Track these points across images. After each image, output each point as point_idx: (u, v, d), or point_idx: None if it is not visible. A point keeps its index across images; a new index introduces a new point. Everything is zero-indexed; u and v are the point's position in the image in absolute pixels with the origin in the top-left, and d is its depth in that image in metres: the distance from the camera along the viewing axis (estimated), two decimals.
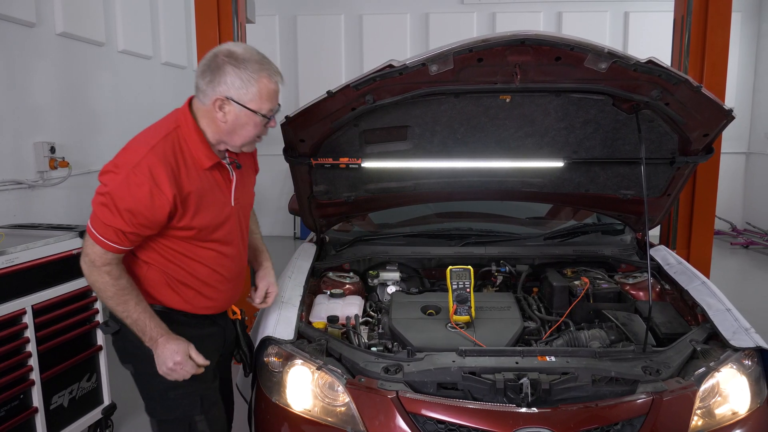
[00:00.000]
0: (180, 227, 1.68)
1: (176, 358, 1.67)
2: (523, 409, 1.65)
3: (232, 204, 1.80)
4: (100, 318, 2.83)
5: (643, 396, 1.69)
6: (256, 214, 2.12)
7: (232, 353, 2.02)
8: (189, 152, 1.67)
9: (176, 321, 1.77)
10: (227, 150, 1.77)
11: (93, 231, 1.61)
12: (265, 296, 2.02)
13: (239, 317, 1.99)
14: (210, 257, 1.78)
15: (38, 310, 2.48)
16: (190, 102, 1.72)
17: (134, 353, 1.77)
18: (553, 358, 1.82)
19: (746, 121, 7.88)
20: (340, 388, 1.77)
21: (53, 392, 2.59)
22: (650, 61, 1.86)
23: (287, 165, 2.37)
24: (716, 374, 1.79)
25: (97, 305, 2.82)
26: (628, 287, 2.52)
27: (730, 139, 7.24)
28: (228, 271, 1.84)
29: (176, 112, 1.72)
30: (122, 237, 1.60)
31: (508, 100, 2.18)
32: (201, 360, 1.71)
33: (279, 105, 1.71)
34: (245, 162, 1.89)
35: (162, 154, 1.61)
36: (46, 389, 2.53)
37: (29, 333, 2.44)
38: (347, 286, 2.54)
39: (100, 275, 1.63)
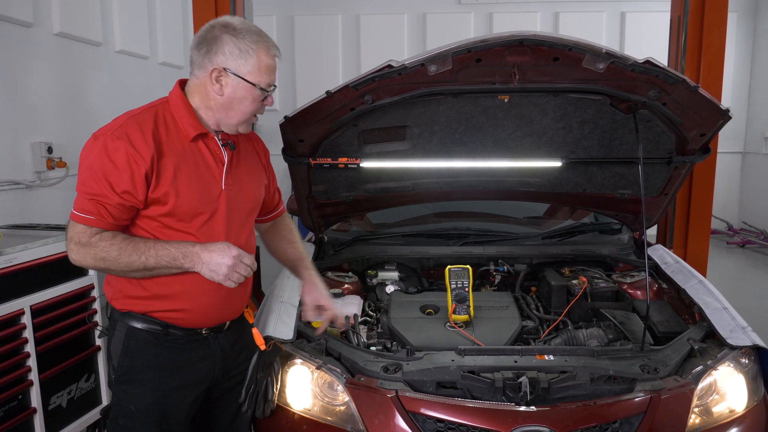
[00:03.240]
0: (155, 199, 1.53)
1: (232, 252, 1.53)
2: (522, 408, 1.66)
3: (223, 187, 1.64)
4: (98, 318, 2.83)
5: (641, 394, 1.69)
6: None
7: (228, 391, 1.83)
8: (174, 123, 1.58)
9: (155, 342, 1.63)
10: (223, 133, 1.67)
11: (74, 211, 1.50)
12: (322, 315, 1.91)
13: (263, 347, 1.77)
14: None
15: (37, 311, 2.48)
16: (179, 83, 1.65)
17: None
18: (551, 357, 1.83)
19: (742, 121, 7.91)
20: (340, 388, 1.77)
21: (52, 393, 2.59)
22: (648, 62, 1.87)
23: (285, 165, 2.38)
24: (713, 372, 1.80)
25: (96, 306, 2.82)
26: (625, 286, 2.53)
27: (727, 138, 7.27)
28: None
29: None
30: (104, 211, 1.48)
31: (506, 100, 2.19)
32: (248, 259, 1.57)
33: (275, 85, 1.62)
34: (250, 152, 1.78)
35: (142, 120, 1.54)
36: (45, 390, 2.53)
37: (28, 333, 2.44)
38: (346, 285, 2.55)
39: (93, 247, 1.49)
